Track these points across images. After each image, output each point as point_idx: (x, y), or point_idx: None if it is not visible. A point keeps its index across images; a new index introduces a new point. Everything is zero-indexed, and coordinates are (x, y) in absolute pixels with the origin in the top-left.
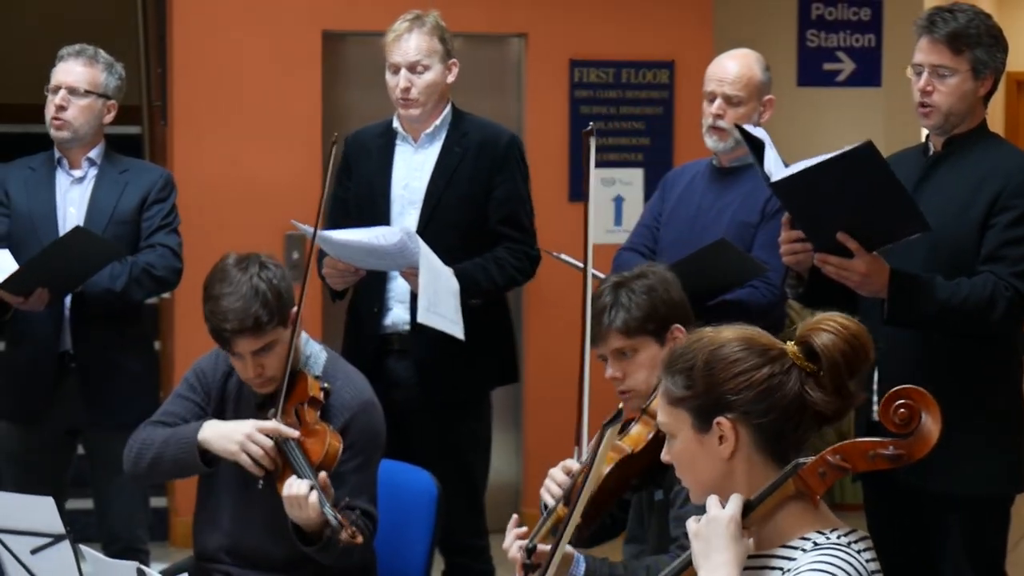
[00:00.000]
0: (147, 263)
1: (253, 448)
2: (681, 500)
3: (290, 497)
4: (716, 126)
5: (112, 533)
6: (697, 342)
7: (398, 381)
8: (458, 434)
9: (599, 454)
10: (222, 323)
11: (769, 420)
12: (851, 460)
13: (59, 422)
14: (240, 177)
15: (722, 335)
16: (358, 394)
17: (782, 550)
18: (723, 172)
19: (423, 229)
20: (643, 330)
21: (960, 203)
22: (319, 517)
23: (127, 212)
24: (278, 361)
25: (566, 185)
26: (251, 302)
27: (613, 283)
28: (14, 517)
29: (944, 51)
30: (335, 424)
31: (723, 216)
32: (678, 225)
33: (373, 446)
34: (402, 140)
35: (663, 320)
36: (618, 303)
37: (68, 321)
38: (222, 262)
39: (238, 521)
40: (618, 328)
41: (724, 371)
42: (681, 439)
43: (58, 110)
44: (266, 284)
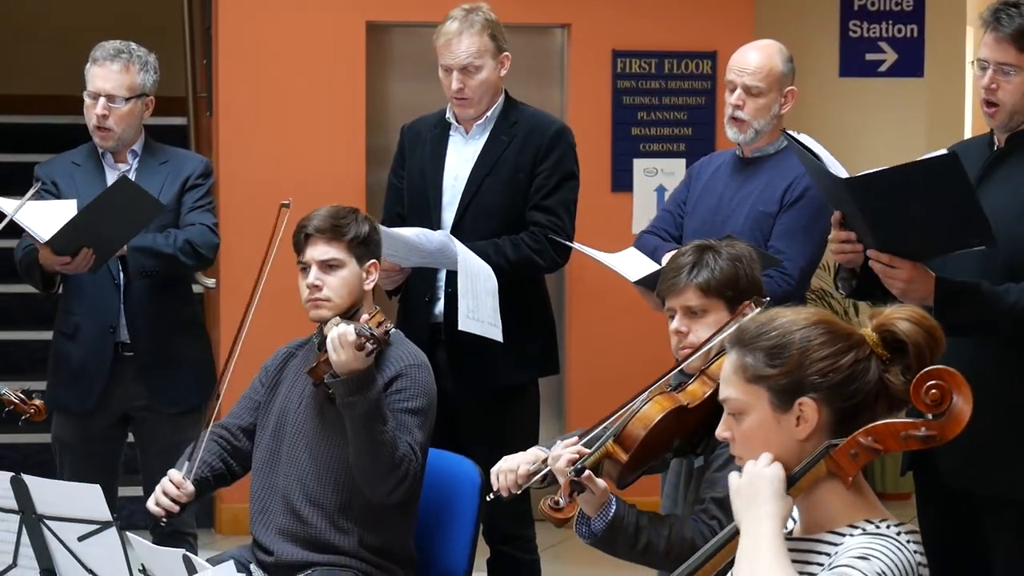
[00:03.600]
0: (188, 238)
1: (157, 493)
2: (718, 464)
3: (334, 338)
4: (735, 117)
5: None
6: (776, 320)
7: (440, 369)
8: (504, 423)
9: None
10: (306, 222)
11: (850, 404)
12: (883, 441)
13: (114, 411)
14: (284, 167)
15: (803, 316)
16: (414, 354)
17: (829, 535)
18: (745, 162)
19: (462, 216)
20: (720, 294)
21: (1021, 203)
22: (360, 343)
23: (169, 201)
24: (339, 284)
25: (608, 176)
26: (339, 215)
27: (699, 244)
28: (62, 504)
29: (1009, 49)
30: (388, 372)
31: (743, 206)
32: (701, 214)
33: (425, 399)
34: (455, 131)
35: (741, 292)
36: (703, 262)
37: (123, 312)
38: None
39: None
40: (699, 284)
41: (814, 352)
42: (755, 416)
43: (100, 119)
44: (358, 221)
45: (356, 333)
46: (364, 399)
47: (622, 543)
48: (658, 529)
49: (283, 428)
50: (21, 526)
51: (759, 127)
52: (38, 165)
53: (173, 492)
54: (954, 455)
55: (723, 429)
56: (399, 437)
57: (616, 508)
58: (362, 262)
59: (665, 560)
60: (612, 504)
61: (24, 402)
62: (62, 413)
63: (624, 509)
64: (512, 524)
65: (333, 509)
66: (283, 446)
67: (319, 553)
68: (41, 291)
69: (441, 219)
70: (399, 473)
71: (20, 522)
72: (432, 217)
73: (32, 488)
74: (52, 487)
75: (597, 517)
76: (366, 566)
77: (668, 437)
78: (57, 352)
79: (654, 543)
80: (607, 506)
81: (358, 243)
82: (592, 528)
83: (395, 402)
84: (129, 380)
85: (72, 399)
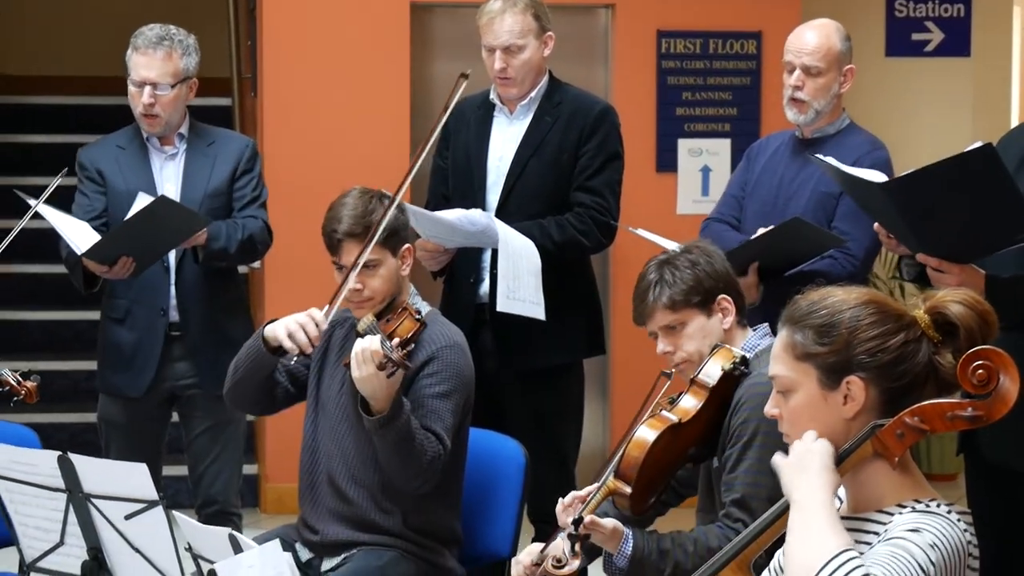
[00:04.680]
0: (252, 232)
1: (293, 326)
2: (731, 464)
3: (358, 352)
4: (795, 98)
5: (207, 496)
6: (827, 299)
7: (484, 350)
8: (548, 403)
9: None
10: (335, 225)
11: (899, 385)
12: (929, 421)
13: (161, 391)
14: (328, 149)
15: (854, 296)
16: (450, 335)
17: (877, 514)
18: (805, 143)
19: (507, 197)
20: (688, 303)
21: None
22: (381, 363)
23: (220, 185)
24: (379, 283)
25: (653, 156)
26: (366, 212)
27: (658, 262)
28: (108, 483)
29: None
30: (421, 354)
31: (805, 187)
32: (761, 196)
33: (458, 381)
34: (499, 112)
35: (708, 292)
36: (662, 280)
37: (174, 295)
38: (349, 189)
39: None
40: (664, 304)
41: (863, 332)
42: (803, 394)
43: (147, 108)
44: (384, 209)
45: (380, 354)
46: (392, 429)
47: (650, 572)
48: (684, 547)
49: (327, 407)
50: (68, 505)
51: (819, 107)
52: (81, 149)
53: (314, 332)
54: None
55: (771, 406)
56: (427, 444)
57: (633, 541)
58: (396, 252)
59: None
60: (628, 539)
61: (19, 383)
62: (110, 395)
63: (642, 540)
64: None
65: (376, 489)
66: (328, 426)
67: (365, 533)
68: (83, 290)
69: (486, 200)
70: (427, 475)
71: (67, 501)
72: (476, 198)
73: (79, 467)
74: (99, 466)
75: (618, 555)
76: (411, 546)
77: (671, 456)
78: (107, 337)
79: (682, 562)
80: (624, 542)
81: (390, 235)
82: (616, 565)
83: (426, 387)
84: (177, 361)
85: (124, 383)
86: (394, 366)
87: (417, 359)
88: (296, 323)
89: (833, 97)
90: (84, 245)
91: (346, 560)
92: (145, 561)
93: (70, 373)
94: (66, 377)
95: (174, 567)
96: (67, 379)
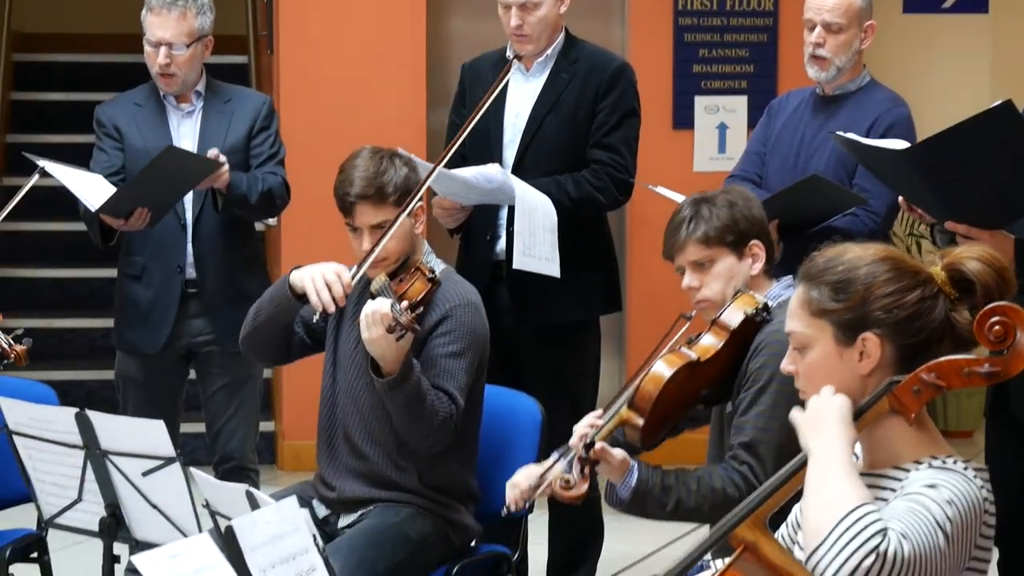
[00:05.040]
0: (271, 187)
1: (320, 283)
2: (743, 408)
3: (368, 314)
4: (817, 55)
5: (224, 453)
6: (843, 255)
7: (500, 307)
8: (565, 360)
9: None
10: (347, 187)
11: (914, 342)
12: (946, 377)
13: (178, 348)
14: (345, 106)
15: (870, 252)
16: (463, 293)
17: (893, 471)
18: (826, 100)
19: (523, 154)
20: (722, 241)
21: None
22: (390, 326)
23: (237, 142)
24: (394, 243)
25: (669, 113)
26: (378, 173)
27: (695, 199)
28: (126, 440)
29: None
30: (435, 314)
31: (826, 144)
32: (782, 153)
33: (471, 340)
34: (515, 69)
35: (742, 234)
36: (699, 215)
37: (190, 251)
38: (359, 149)
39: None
40: (697, 238)
41: (879, 288)
42: (819, 350)
43: (163, 67)
44: (395, 168)
45: (389, 317)
46: (401, 391)
47: (651, 506)
48: (687, 485)
49: (343, 364)
50: (86, 461)
51: (841, 64)
52: (99, 106)
53: (339, 293)
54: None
55: (787, 363)
56: (439, 405)
57: (638, 474)
58: (410, 211)
59: (698, 514)
60: (634, 471)
61: (10, 346)
62: (127, 353)
63: (646, 473)
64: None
65: (391, 447)
66: (344, 383)
67: (381, 489)
68: (101, 245)
69: (503, 158)
70: (439, 435)
71: (85, 457)
72: (493, 156)
73: (96, 424)
74: (116, 423)
75: (621, 485)
76: (427, 503)
77: (685, 394)
78: (124, 294)
79: (684, 500)
80: (629, 474)
81: (403, 196)
82: (619, 495)
83: (439, 346)
84: (194, 317)
85: (141, 340)
86: (403, 329)
87: (430, 318)
88: (323, 279)
89: (854, 54)
90: (97, 201)
91: (363, 516)
92: (162, 517)
93: (87, 331)
94: (83, 334)
95: (191, 523)
96: (84, 336)
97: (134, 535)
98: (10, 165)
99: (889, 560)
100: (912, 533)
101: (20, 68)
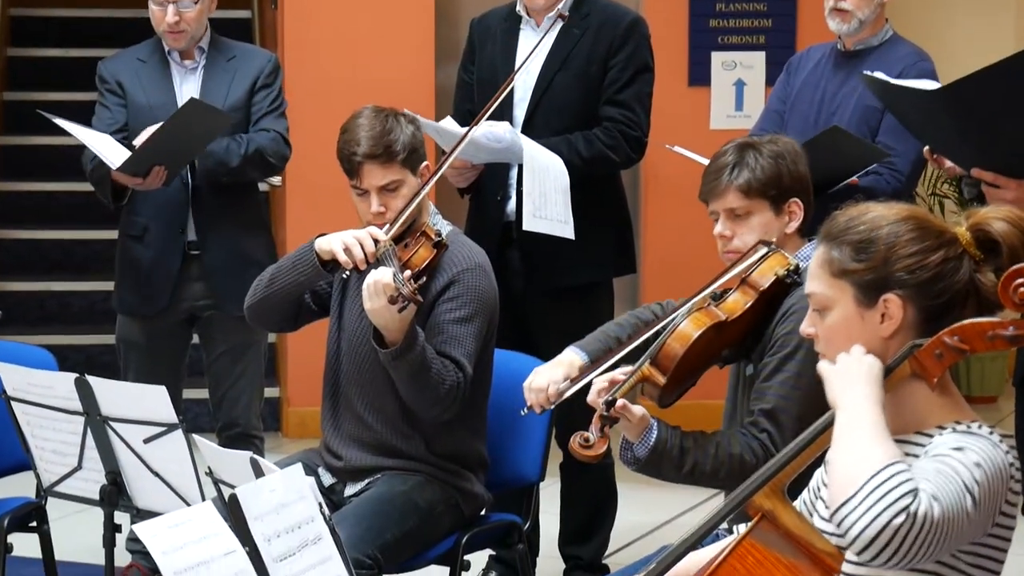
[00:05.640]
0: (260, 145)
1: (351, 240)
2: (766, 373)
3: (369, 284)
4: (838, 8)
5: (228, 419)
6: (865, 215)
7: (510, 268)
8: (576, 323)
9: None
10: (354, 147)
11: (938, 303)
12: (969, 341)
13: (180, 311)
14: (351, 62)
15: (893, 211)
16: (471, 256)
17: (917, 436)
18: (848, 55)
19: (533, 111)
20: (763, 194)
21: None
22: (392, 297)
23: (238, 99)
24: (402, 204)
25: (685, 69)
26: (385, 131)
27: (740, 143)
28: (127, 406)
29: None
30: (442, 278)
31: (848, 100)
32: (803, 110)
33: (478, 304)
34: (525, 24)
35: (785, 190)
36: (744, 162)
37: (191, 213)
38: (361, 108)
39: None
40: (739, 186)
41: (901, 249)
42: (839, 312)
43: (172, 26)
44: (401, 127)
45: (391, 287)
46: (405, 361)
47: (667, 467)
48: (705, 449)
49: (348, 330)
50: (86, 428)
51: (863, 17)
52: (101, 62)
53: (371, 248)
54: None
55: (807, 325)
56: (445, 373)
57: (658, 433)
58: (416, 170)
59: (714, 479)
60: (653, 430)
61: None
62: (128, 316)
63: (666, 433)
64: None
65: (395, 415)
66: (349, 349)
67: (388, 458)
68: (111, 205)
69: (512, 115)
70: (445, 403)
71: (85, 424)
72: (503, 114)
73: (97, 389)
74: (117, 388)
75: (639, 444)
76: (436, 470)
77: (709, 353)
78: (125, 255)
79: (701, 464)
80: (648, 432)
81: (410, 155)
82: (635, 454)
83: (446, 312)
84: (196, 280)
85: (141, 302)
86: (405, 301)
87: (437, 283)
88: (354, 237)
89: (877, 6)
90: (117, 159)
91: (370, 485)
92: (165, 485)
93: (87, 293)
94: (83, 297)
95: (194, 491)
96: (84, 299)
97: (135, 504)
98: (8, 123)
99: (919, 521)
100: (942, 495)
101: (16, 23)
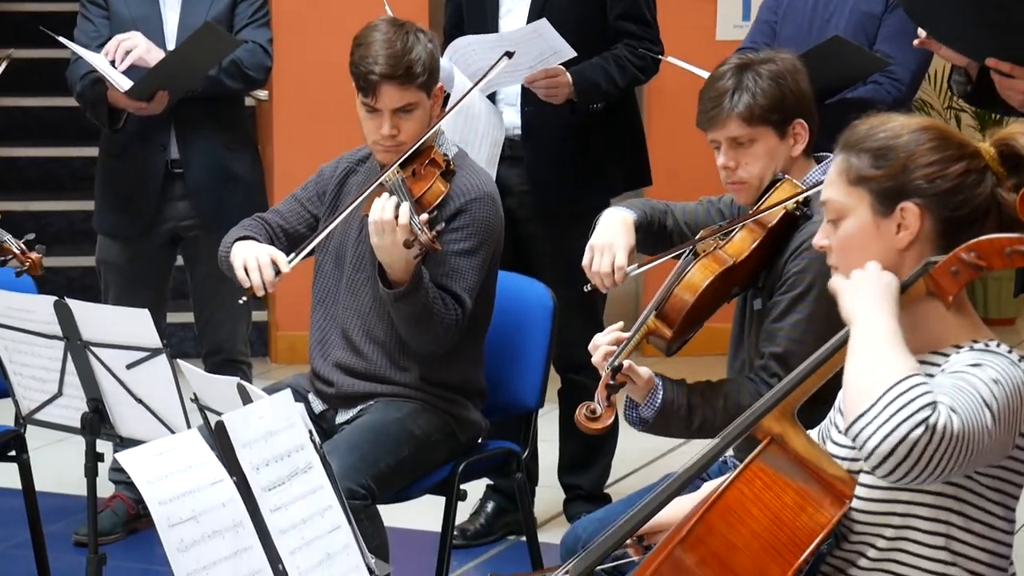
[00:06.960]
0: (237, 57)
1: (252, 263)
2: (777, 312)
3: (377, 220)
4: None
5: (214, 344)
6: (886, 124)
7: (510, 188)
8: (575, 246)
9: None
10: (371, 66)
11: (956, 216)
12: (986, 257)
13: (163, 231)
14: None
15: (915, 121)
16: (480, 184)
17: (932, 356)
18: None
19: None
20: (766, 119)
21: None
22: (408, 241)
23: (220, 12)
24: (414, 126)
25: None
26: (405, 50)
27: (737, 64)
28: (109, 330)
29: None
30: (449, 207)
31: (844, 7)
32: (796, 18)
33: (484, 236)
34: None
35: (788, 112)
36: (743, 86)
37: (173, 129)
38: (376, 20)
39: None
40: (740, 113)
41: (921, 157)
42: (854, 220)
43: None
44: (422, 44)
45: (407, 230)
46: (408, 303)
47: (676, 426)
48: (712, 404)
49: (344, 257)
50: (66, 353)
51: None
52: None
53: (269, 278)
54: None
55: (820, 237)
56: (444, 313)
57: (663, 394)
58: (430, 92)
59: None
60: (659, 390)
61: (24, 252)
62: (109, 237)
63: (672, 392)
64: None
65: (392, 346)
66: (344, 276)
67: (382, 385)
68: (107, 128)
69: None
70: (441, 341)
71: (65, 349)
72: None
73: (77, 313)
74: (98, 312)
75: (645, 405)
76: (432, 398)
77: (717, 297)
78: (105, 174)
79: (709, 419)
80: (654, 392)
81: (429, 76)
82: (641, 415)
83: (450, 243)
84: (178, 199)
85: (122, 223)
86: (421, 247)
87: (444, 212)
88: (256, 261)
89: None
90: (124, 83)
91: (363, 412)
92: (148, 413)
93: (67, 213)
94: (63, 217)
95: (179, 418)
96: (64, 219)
97: (118, 432)
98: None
99: (938, 433)
100: (961, 409)
101: None
